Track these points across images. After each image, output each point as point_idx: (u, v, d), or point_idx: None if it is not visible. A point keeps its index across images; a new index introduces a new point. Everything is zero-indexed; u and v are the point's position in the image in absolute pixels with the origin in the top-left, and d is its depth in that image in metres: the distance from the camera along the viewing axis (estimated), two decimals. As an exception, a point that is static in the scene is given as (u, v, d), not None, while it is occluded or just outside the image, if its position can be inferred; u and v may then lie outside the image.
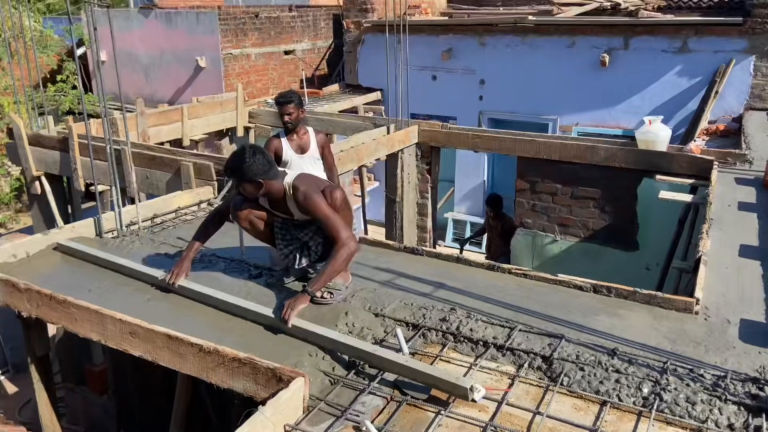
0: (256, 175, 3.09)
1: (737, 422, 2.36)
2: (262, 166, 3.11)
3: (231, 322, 3.14)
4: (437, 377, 2.50)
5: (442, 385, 2.48)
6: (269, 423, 2.28)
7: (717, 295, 3.32)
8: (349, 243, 3.03)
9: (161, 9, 16.12)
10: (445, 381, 2.47)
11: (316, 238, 3.34)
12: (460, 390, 2.42)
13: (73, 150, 5.97)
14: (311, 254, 3.39)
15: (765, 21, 7.93)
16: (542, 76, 9.48)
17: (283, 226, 3.33)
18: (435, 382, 2.51)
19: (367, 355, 2.72)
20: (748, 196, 4.99)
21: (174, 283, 3.36)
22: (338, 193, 3.17)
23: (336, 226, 3.05)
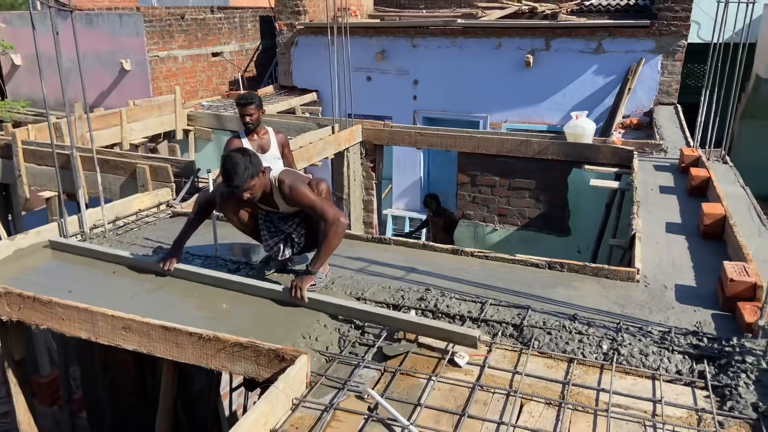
0: (253, 176, 3.19)
1: (684, 368, 2.77)
2: (257, 163, 3.22)
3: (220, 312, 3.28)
4: (451, 331, 2.90)
5: (455, 337, 2.88)
6: (283, 395, 2.47)
7: (653, 266, 3.78)
8: (339, 219, 3.23)
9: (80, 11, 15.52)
10: (456, 333, 2.86)
11: (300, 230, 3.53)
12: (469, 339, 2.81)
13: (17, 156, 5.79)
14: (294, 245, 3.57)
15: (670, 23, 8.75)
16: (472, 75, 9.98)
17: (267, 218, 3.50)
18: (448, 335, 2.90)
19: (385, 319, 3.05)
20: (667, 180, 5.59)
21: (169, 268, 3.56)
22: (323, 185, 3.39)
23: (324, 208, 3.24)
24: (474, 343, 2.76)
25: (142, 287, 3.55)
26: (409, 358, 2.89)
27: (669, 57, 8.90)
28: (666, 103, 9.07)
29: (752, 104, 10.55)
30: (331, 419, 2.47)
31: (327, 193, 3.38)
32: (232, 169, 3.09)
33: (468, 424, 2.43)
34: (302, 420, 2.48)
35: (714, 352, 2.81)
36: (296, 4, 11.07)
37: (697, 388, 2.65)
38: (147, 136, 8.45)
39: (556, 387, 2.67)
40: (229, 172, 3.10)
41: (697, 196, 5.02)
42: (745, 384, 2.58)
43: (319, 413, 2.50)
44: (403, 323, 2.96)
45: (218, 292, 3.46)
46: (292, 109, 10.36)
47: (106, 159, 5.33)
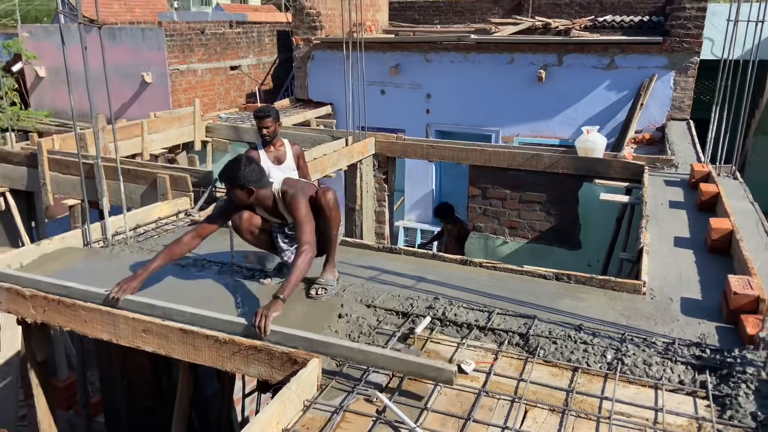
0: (249, 183, 3.38)
1: (686, 378, 2.83)
2: (255, 174, 3.41)
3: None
4: (426, 365, 2.72)
5: (430, 372, 2.71)
6: (295, 396, 2.57)
7: (659, 279, 3.84)
8: (308, 251, 3.27)
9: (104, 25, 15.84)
10: (432, 367, 2.70)
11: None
12: (445, 374, 2.68)
13: (42, 165, 5.99)
14: None
15: (682, 40, 8.82)
16: (484, 90, 10.10)
17: (280, 230, 3.62)
18: (423, 369, 2.73)
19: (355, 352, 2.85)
20: (677, 195, 5.64)
21: (117, 297, 3.26)
22: (330, 193, 3.50)
23: (304, 230, 3.32)
24: (450, 378, 2.67)
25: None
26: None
27: (681, 73, 8.97)
28: (678, 119, 9.12)
29: (765, 120, 10.57)
30: (340, 420, 2.56)
31: (334, 202, 3.48)
32: (227, 169, 3.34)
33: (473, 428, 2.52)
34: (313, 421, 2.58)
35: (716, 362, 2.87)
36: (313, 20, 11.28)
37: (698, 397, 2.72)
38: (166, 147, 8.65)
39: (559, 394, 2.75)
40: (224, 171, 3.32)
41: (706, 211, 5.07)
42: (745, 394, 2.64)
43: (329, 414, 2.60)
44: (376, 357, 2.81)
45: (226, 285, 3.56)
46: (307, 121, 10.54)
47: (128, 168, 5.51)
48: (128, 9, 23.61)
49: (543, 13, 14.56)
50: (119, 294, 3.28)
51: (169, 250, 3.48)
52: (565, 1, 15.55)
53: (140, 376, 4.39)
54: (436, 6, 17.10)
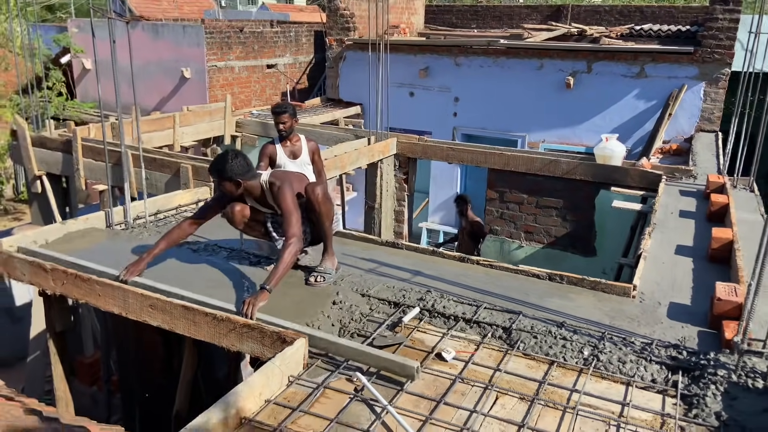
0: (237, 175, 3.58)
1: (659, 377, 2.91)
2: (241, 167, 3.60)
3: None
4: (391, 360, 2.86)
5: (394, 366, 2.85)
6: (278, 371, 2.76)
7: (652, 284, 3.90)
8: (295, 243, 3.46)
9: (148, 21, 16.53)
10: (396, 362, 2.84)
11: (305, 228, 3.84)
12: (408, 369, 2.81)
13: (76, 151, 6.36)
14: (304, 241, 3.88)
15: (714, 51, 8.72)
16: (512, 95, 10.16)
17: (274, 220, 3.83)
18: (388, 364, 2.87)
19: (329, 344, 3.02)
20: (690, 205, 5.64)
21: (126, 279, 3.56)
22: (319, 188, 3.66)
23: (290, 222, 3.51)
24: (412, 374, 2.79)
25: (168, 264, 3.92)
26: (401, 350, 3.13)
27: (712, 84, 8.86)
28: (708, 131, 9.01)
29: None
30: (320, 396, 2.74)
31: (323, 197, 3.64)
32: (214, 162, 3.57)
33: (443, 409, 2.66)
34: (295, 395, 2.76)
35: (690, 364, 2.94)
36: (346, 21, 11.52)
37: (668, 395, 2.79)
38: (197, 140, 8.99)
39: (532, 385, 2.86)
40: (211, 164, 3.57)
41: (715, 222, 5.07)
42: (713, 395, 2.71)
43: (311, 390, 2.77)
44: (345, 350, 2.97)
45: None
46: (335, 120, 10.77)
47: (153, 158, 5.81)
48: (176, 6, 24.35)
49: (582, 20, 14.51)
50: (127, 276, 3.58)
51: (169, 236, 3.77)
52: (604, 9, 15.46)
53: (152, 353, 4.65)
54: (474, 10, 17.18)
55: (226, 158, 3.59)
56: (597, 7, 16.46)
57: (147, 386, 4.79)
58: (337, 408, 2.64)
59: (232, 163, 3.57)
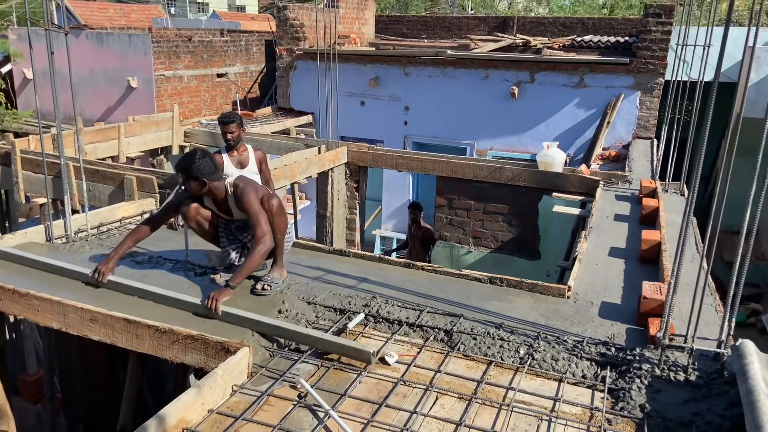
0: (203, 175, 3.62)
1: (589, 373, 3.07)
2: (208, 167, 3.65)
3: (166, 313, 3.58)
4: (346, 345, 3.09)
5: (349, 351, 3.07)
6: (221, 380, 2.78)
7: (586, 285, 4.09)
8: (265, 240, 3.58)
9: (92, 30, 16.17)
10: (352, 348, 3.06)
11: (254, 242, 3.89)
12: (364, 355, 3.02)
13: (15, 164, 6.20)
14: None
15: (648, 62, 9.14)
16: (460, 104, 10.39)
17: (226, 226, 3.85)
18: (344, 350, 3.10)
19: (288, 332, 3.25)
20: (624, 209, 5.91)
21: (101, 279, 3.72)
22: (274, 200, 3.73)
23: (259, 222, 3.60)
24: (368, 359, 3.00)
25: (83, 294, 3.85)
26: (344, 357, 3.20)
27: (647, 93, 9.28)
28: (644, 138, 9.43)
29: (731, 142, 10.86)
30: (263, 404, 2.78)
31: (278, 208, 3.71)
32: (181, 160, 3.59)
33: (384, 412, 2.73)
34: (238, 404, 2.79)
35: (617, 359, 3.11)
36: (296, 31, 11.56)
37: (597, 390, 2.95)
38: (144, 150, 8.86)
39: (471, 384, 2.97)
40: (178, 162, 3.54)
41: (646, 225, 5.33)
42: (638, 388, 2.87)
43: (254, 399, 2.81)
44: (306, 338, 3.18)
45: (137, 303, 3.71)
46: (287, 129, 10.78)
47: (96, 169, 5.72)
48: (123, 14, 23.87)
49: (527, 31, 14.94)
50: (100, 277, 3.72)
51: (135, 234, 3.90)
52: (548, 20, 15.97)
53: (97, 368, 4.58)
54: (424, 21, 17.46)
55: (193, 157, 3.61)
56: (542, 18, 17.00)
57: (92, 402, 4.71)
58: (280, 415, 2.69)
59: (200, 162, 3.59)
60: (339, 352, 3.11)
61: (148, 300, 3.63)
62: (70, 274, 3.89)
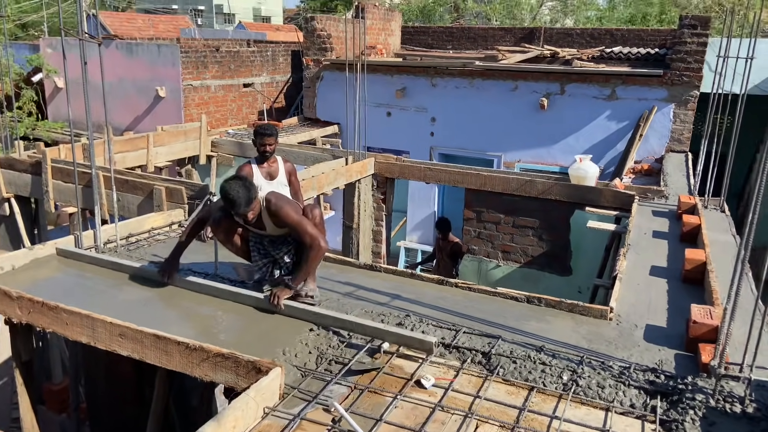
0: (246, 206, 3.48)
1: (638, 402, 2.91)
2: (246, 197, 3.46)
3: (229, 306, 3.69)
4: (408, 336, 3.20)
5: (412, 342, 3.17)
6: (253, 402, 2.68)
7: (628, 306, 3.92)
8: (319, 243, 3.49)
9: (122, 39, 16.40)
10: (414, 338, 3.16)
11: (286, 258, 3.84)
12: (427, 344, 3.09)
13: (45, 173, 6.22)
14: (282, 268, 3.87)
15: (682, 74, 8.92)
16: (488, 116, 10.25)
17: (258, 241, 3.77)
18: (407, 341, 3.19)
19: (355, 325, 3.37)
20: (663, 225, 5.71)
21: (167, 279, 3.90)
22: (317, 210, 3.66)
23: (306, 229, 3.50)
24: (431, 348, 3.05)
25: (140, 296, 3.83)
26: (379, 377, 3.08)
27: (681, 106, 9.05)
28: (677, 151, 9.19)
29: None
30: (296, 428, 2.67)
31: (320, 219, 3.63)
32: (235, 197, 3.39)
33: (423, 440, 2.61)
34: (270, 427, 2.69)
35: (668, 388, 2.94)
36: (323, 41, 11.55)
37: (647, 421, 2.78)
38: (172, 160, 8.88)
39: (512, 412, 2.83)
40: (232, 201, 3.40)
41: (687, 242, 5.14)
42: (692, 420, 2.71)
43: (287, 422, 2.70)
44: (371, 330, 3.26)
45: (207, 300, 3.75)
46: (313, 140, 10.74)
47: (126, 179, 5.71)
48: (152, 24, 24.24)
49: (554, 42, 14.77)
50: (166, 278, 3.91)
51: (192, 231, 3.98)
52: (576, 32, 15.78)
53: (123, 382, 4.51)
54: (450, 32, 17.39)
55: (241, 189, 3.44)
56: (569, 30, 16.81)
57: (117, 415, 4.64)
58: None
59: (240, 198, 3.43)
60: (401, 343, 3.23)
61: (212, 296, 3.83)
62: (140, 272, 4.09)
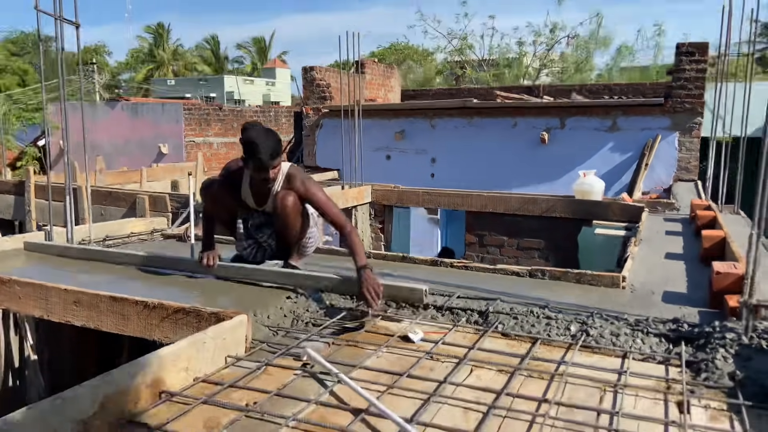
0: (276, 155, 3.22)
1: (659, 349, 2.50)
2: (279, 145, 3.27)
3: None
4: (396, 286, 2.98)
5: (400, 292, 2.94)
6: (211, 344, 2.32)
7: (643, 278, 3.54)
8: (352, 228, 3.30)
9: (128, 101, 16.73)
10: (403, 287, 2.91)
11: (270, 241, 3.58)
12: (417, 293, 2.88)
13: (28, 191, 6.03)
14: (266, 253, 3.61)
15: (684, 101, 8.81)
16: (489, 153, 10.11)
17: (245, 219, 3.52)
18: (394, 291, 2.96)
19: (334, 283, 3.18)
20: (676, 227, 5.37)
21: (212, 265, 3.44)
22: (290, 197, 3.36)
23: (335, 213, 3.32)
24: (421, 297, 2.74)
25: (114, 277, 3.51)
26: (361, 335, 2.71)
27: (686, 134, 8.88)
28: (686, 180, 8.93)
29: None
30: (261, 374, 2.29)
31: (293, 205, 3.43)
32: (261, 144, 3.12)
33: (407, 381, 2.21)
34: (231, 376, 2.30)
35: (693, 334, 2.55)
36: (323, 90, 11.67)
37: (671, 366, 2.38)
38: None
39: (513, 360, 2.43)
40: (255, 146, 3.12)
41: (703, 236, 4.78)
42: (723, 357, 2.30)
43: (251, 371, 2.32)
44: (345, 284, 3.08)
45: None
46: (312, 184, 10.59)
47: (109, 191, 5.50)
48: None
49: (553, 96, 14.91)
50: (210, 262, 3.43)
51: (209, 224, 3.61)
52: (575, 88, 15.93)
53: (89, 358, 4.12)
54: (450, 93, 17.65)
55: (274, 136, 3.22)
56: (568, 86, 17.02)
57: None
58: (280, 383, 2.20)
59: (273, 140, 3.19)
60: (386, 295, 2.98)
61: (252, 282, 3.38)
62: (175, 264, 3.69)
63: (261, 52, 48.33)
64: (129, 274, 3.63)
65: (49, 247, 3.98)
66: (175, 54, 45.77)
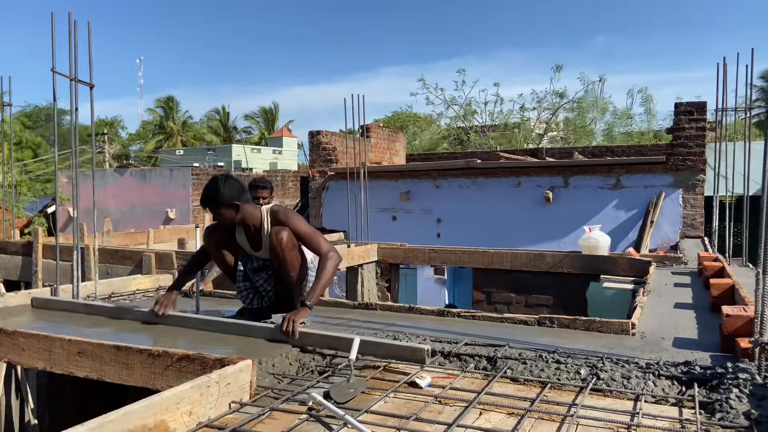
0: (233, 198, 3.28)
1: (672, 392, 2.45)
2: (236, 188, 3.32)
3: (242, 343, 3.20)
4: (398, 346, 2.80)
5: (402, 352, 2.76)
6: (215, 388, 2.28)
7: (653, 326, 3.50)
8: (333, 255, 3.26)
9: (136, 167, 17.07)
10: (405, 347, 2.75)
11: (267, 285, 3.56)
12: (418, 353, 2.70)
13: (36, 252, 6.09)
14: (263, 299, 3.59)
15: (686, 158, 8.93)
16: (493, 213, 10.18)
17: (244, 262, 3.52)
18: (397, 351, 2.79)
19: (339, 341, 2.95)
20: (683, 280, 5.33)
21: (163, 313, 3.43)
22: (284, 233, 3.37)
23: (319, 241, 3.30)
24: (423, 357, 2.64)
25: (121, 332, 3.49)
26: (369, 382, 2.66)
27: (689, 191, 8.95)
28: (693, 237, 8.92)
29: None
30: (265, 418, 2.25)
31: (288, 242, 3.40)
32: (205, 192, 3.22)
33: (415, 425, 2.16)
34: (235, 419, 2.26)
35: (705, 376, 2.49)
36: (329, 153, 11.90)
37: (684, 407, 2.32)
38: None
39: (523, 403, 2.38)
40: (202, 196, 3.22)
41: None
42: (737, 397, 2.25)
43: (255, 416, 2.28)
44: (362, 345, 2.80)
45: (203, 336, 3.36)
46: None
47: (116, 250, 5.54)
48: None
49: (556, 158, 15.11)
50: (162, 309, 3.45)
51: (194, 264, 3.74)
52: (577, 150, 16.18)
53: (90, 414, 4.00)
54: (455, 157, 17.94)
55: (216, 184, 3.28)
56: (570, 149, 17.29)
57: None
58: (285, 427, 2.15)
59: (225, 187, 3.26)
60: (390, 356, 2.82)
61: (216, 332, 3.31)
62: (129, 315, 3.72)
63: (269, 122, 49.54)
64: (133, 327, 3.61)
65: (55, 302, 3.98)
66: (185, 125, 47.00)
